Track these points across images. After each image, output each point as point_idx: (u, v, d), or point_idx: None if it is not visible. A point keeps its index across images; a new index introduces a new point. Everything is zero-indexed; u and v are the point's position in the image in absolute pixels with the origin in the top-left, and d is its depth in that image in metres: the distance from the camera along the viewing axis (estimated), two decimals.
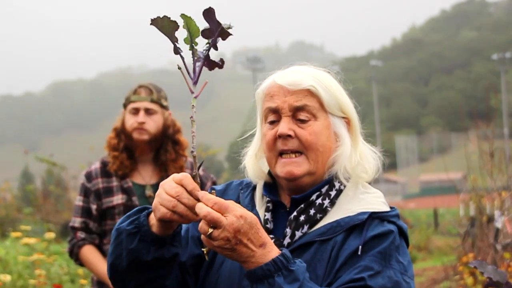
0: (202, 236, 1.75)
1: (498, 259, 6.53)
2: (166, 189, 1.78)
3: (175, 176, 1.81)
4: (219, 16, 1.67)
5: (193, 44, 1.71)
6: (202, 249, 1.82)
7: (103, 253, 3.89)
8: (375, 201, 2.00)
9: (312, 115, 1.98)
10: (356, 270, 1.84)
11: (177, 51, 1.72)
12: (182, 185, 1.77)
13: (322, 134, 1.99)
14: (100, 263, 3.83)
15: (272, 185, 2.08)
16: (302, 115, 1.98)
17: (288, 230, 1.97)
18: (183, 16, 1.67)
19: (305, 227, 1.96)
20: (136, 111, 3.89)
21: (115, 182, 3.92)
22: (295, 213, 1.97)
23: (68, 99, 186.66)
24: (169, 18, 1.67)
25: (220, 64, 1.76)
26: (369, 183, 2.09)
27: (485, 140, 7.57)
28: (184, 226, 2.05)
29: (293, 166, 1.97)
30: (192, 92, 1.73)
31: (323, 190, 2.00)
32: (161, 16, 1.68)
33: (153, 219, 1.84)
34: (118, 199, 3.89)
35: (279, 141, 1.97)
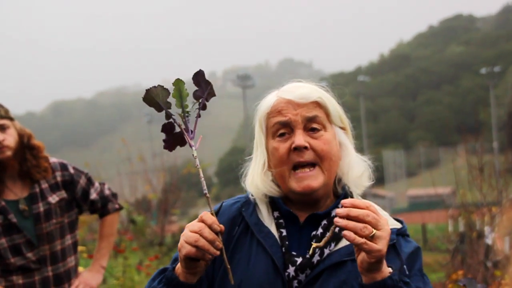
0: (362, 241, 1.65)
1: (488, 276, 6.38)
2: (190, 228, 1.80)
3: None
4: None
5: (183, 107, 1.88)
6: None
7: None
8: (385, 215, 2.00)
9: (322, 126, 1.98)
10: None
11: (169, 116, 1.88)
12: (202, 221, 1.80)
13: (332, 143, 1.99)
14: None
15: (279, 199, 2.03)
16: (314, 125, 1.96)
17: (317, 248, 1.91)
18: (176, 82, 1.85)
19: (332, 245, 1.93)
20: None
21: None
22: (320, 230, 1.94)
23: (67, 117, 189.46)
24: (162, 86, 1.84)
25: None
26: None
27: (474, 155, 7.43)
28: None
29: (310, 180, 1.93)
30: (191, 146, 1.90)
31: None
32: (155, 86, 1.84)
33: (179, 269, 1.86)
34: None
35: (294, 153, 1.93)
